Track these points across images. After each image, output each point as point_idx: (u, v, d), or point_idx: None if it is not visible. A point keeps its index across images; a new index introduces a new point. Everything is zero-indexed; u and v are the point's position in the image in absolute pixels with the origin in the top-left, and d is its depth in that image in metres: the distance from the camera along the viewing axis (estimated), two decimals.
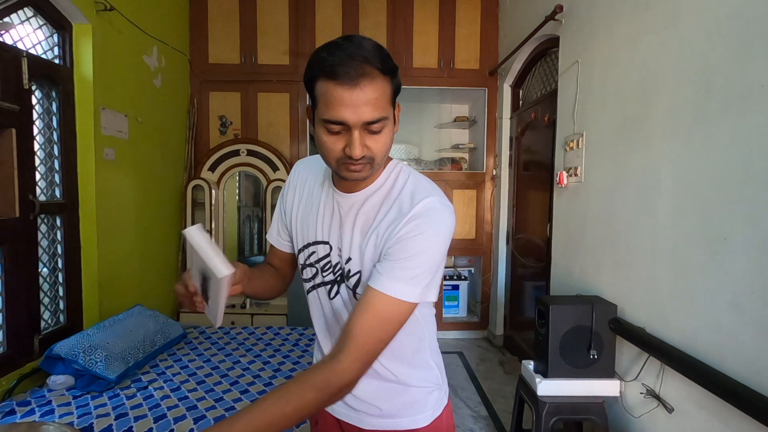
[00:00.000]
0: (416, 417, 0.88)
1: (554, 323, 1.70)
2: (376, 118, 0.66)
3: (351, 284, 0.80)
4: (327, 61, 0.65)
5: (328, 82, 0.65)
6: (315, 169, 0.89)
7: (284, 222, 0.92)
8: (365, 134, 0.68)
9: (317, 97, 0.68)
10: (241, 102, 3.57)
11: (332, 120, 0.66)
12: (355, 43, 0.66)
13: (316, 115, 0.69)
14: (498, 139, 3.60)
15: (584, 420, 1.84)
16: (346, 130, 0.67)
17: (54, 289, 2.22)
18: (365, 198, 0.79)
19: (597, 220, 2.03)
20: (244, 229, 3.95)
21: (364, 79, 0.64)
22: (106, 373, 1.85)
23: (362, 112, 0.65)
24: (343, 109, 0.65)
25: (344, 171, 0.71)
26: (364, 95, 0.64)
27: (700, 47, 1.43)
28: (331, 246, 0.82)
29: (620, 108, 1.87)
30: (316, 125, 0.70)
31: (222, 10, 3.51)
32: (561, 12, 2.38)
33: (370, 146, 0.69)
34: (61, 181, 2.23)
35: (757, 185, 1.20)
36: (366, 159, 0.69)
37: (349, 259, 0.79)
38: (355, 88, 0.64)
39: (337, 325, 0.87)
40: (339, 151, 0.69)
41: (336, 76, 0.64)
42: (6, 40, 1.93)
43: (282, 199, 0.92)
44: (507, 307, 3.53)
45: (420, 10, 3.58)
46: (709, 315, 1.35)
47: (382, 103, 0.67)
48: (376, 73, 0.65)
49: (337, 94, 0.64)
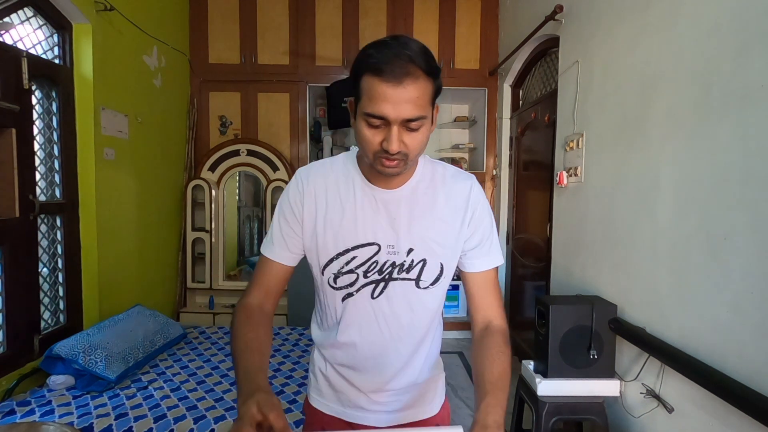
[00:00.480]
0: (430, 406, 0.93)
1: (554, 323, 1.70)
2: (415, 116, 0.68)
3: (412, 275, 0.82)
4: (374, 58, 0.67)
5: (373, 78, 0.67)
6: (334, 174, 0.84)
7: (298, 233, 0.85)
8: (403, 131, 0.70)
9: (362, 91, 0.70)
10: (241, 102, 3.57)
11: (374, 114, 0.68)
12: (401, 42, 0.68)
13: (359, 108, 0.72)
14: (498, 139, 3.60)
15: (584, 420, 1.84)
16: (386, 125, 0.69)
17: (54, 289, 2.22)
18: (412, 190, 0.82)
19: (597, 220, 2.03)
20: (244, 229, 3.95)
21: (407, 78, 0.66)
22: (106, 373, 1.86)
23: (403, 110, 0.67)
24: (385, 104, 0.67)
25: (379, 165, 0.73)
26: (407, 93, 0.67)
27: (700, 47, 1.43)
28: (378, 245, 0.81)
29: (620, 108, 1.87)
30: (358, 118, 0.73)
31: (222, 10, 3.51)
32: (561, 12, 2.38)
33: (406, 143, 0.71)
34: (61, 181, 2.23)
35: (757, 185, 1.20)
36: (401, 155, 0.71)
37: (411, 250, 0.81)
38: (398, 86, 0.66)
39: (375, 324, 0.84)
40: (377, 145, 0.71)
41: (382, 73, 0.66)
42: (6, 40, 1.93)
43: (292, 212, 0.84)
44: (507, 307, 3.53)
45: (420, 10, 3.58)
46: (709, 315, 1.35)
47: (422, 103, 0.69)
48: (420, 73, 0.68)
49: (381, 90, 0.67)
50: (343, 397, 0.91)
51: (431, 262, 0.82)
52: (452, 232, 0.83)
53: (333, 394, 0.92)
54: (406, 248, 0.81)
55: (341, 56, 3.56)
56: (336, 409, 0.92)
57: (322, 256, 0.83)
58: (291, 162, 3.57)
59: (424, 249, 0.82)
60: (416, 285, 0.83)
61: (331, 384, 0.91)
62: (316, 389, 0.95)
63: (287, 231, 0.85)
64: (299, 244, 0.86)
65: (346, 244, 0.81)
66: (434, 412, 0.94)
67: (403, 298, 0.83)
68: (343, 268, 0.82)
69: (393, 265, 0.82)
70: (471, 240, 0.85)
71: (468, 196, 0.84)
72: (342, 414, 0.91)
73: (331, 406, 0.92)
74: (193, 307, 3.43)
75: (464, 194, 0.84)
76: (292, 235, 0.85)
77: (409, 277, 0.83)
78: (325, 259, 0.83)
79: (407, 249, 0.81)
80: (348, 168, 0.85)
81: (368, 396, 0.89)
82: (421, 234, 0.82)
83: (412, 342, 0.87)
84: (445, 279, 0.85)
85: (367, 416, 0.90)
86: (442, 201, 0.83)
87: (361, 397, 0.89)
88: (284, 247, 0.85)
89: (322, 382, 0.93)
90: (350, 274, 0.82)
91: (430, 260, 0.82)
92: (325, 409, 0.93)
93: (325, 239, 0.82)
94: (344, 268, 0.82)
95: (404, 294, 0.83)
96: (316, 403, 0.94)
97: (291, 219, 0.85)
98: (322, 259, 0.83)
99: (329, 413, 0.92)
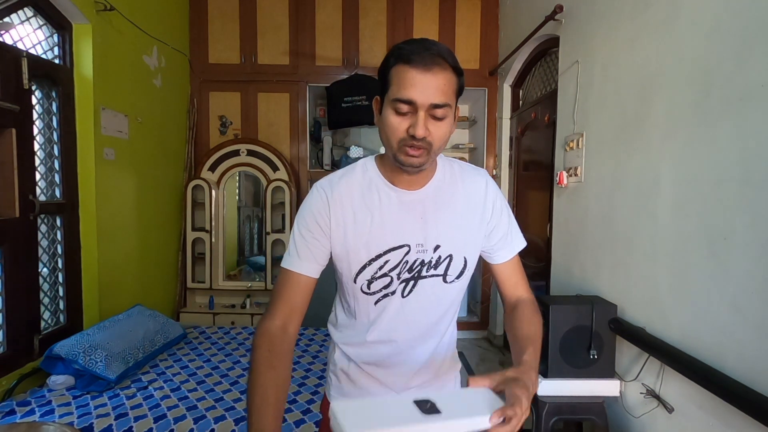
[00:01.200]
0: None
1: (554, 323, 1.70)
2: (442, 102, 0.72)
3: (440, 271, 0.85)
4: (404, 49, 0.72)
5: (403, 65, 0.72)
6: (357, 184, 0.85)
7: (324, 243, 0.84)
8: (429, 118, 0.73)
9: (390, 80, 0.74)
10: (241, 102, 3.57)
11: (402, 99, 0.72)
12: (430, 41, 0.74)
13: (386, 98, 0.75)
14: (498, 139, 3.60)
15: (584, 420, 1.84)
16: (413, 112, 0.73)
17: (54, 289, 2.22)
18: (435, 189, 0.86)
19: (597, 220, 2.03)
20: (244, 229, 3.95)
21: (436, 66, 0.71)
22: (106, 373, 1.86)
23: (430, 94, 0.71)
24: (413, 89, 0.71)
25: (403, 155, 0.76)
26: (435, 80, 0.71)
27: (700, 47, 1.43)
28: (408, 246, 0.83)
29: (620, 108, 1.87)
30: (385, 107, 0.76)
31: (222, 10, 3.51)
32: (561, 12, 2.38)
33: (431, 130, 0.74)
34: (61, 181, 2.23)
35: (757, 185, 1.20)
36: (425, 143, 0.74)
37: (437, 247, 0.84)
38: (427, 72, 0.71)
39: (404, 322, 0.86)
40: (403, 131, 0.74)
41: (411, 61, 0.71)
42: (6, 40, 1.93)
43: (317, 223, 0.83)
44: None
45: (420, 10, 3.58)
46: (709, 315, 1.35)
47: (448, 91, 0.73)
48: (447, 65, 0.73)
49: (410, 75, 0.71)
50: (367, 395, 0.91)
51: (457, 257, 0.86)
52: (473, 226, 0.87)
53: (357, 392, 0.92)
54: (433, 245, 0.84)
55: (341, 56, 3.56)
56: None
57: (354, 264, 0.83)
58: (291, 162, 3.57)
59: (449, 245, 0.85)
60: (443, 280, 0.86)
61: (355, 383, 0.92)
62: (337, 389, 0.95)
63: (312, 242, 0.83)
64: (325, 254, 0.85)
65: (379, 249, 0.82)
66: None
67: (431, 295, 0.86)
68: (377, 273, 0.83)
69: (422, 264, 0.84)
70: (493, 235, 0.89)
71: (485, 192, 0.88)
72: None
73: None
74: (193, 307, 3.43)
75: (481, 191, 0.88)
76: (318, 246, 0.83)
77: (437, 273, 0.86)
78: (358, 266, 0.83)
79: (434, 246, 0.84)
80: (369, 174, 0.86)
81: (393, 391, 0.90)
82: (445, 230, 0.85)
83: (437, 334, 0.91)
84: (468, 272, 0.88)
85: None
86: (462, 198, 0.87)
87: (385, 393, 0.90)
88: (310, 258, 0.83)
89: (344, 382, 0.93)
90: (384, 278, 0.84)
91: (455, 255, 0.86)
92: None
93: (356, 247, 0.82)
94: (378, 273, 0.83)
95: (432, 290, 0.86)
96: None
97: (316, 230, 0.83)
98: (354, 267, 0.84)
99: None
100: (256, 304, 3.49)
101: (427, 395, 0.59)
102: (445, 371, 0.96)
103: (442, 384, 0.95)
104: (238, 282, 3.53)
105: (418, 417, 0.56)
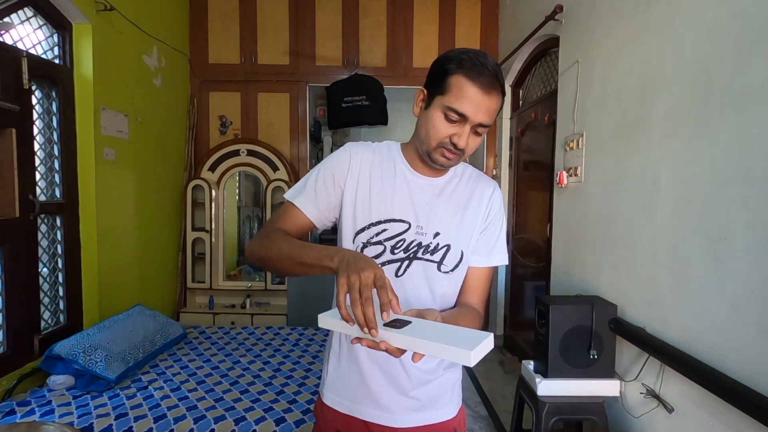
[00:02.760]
0: (447, 408, 0.93)
1: (554, 323, 1.70)
2: (488, 122, 0.80)
3: (436, 258, 0.88)
4: (468, 63, 0.78)
5: (467, 80, 0.77)
6: (379, 154, 0.91)
7: (331, 196, 0.89)
8: (471, 133, 0.81)
9: (448, 87, 0.79)
10: (241, 102, 3.57)
11: (458, 111, 0.78)
12: (490, 60, 0.80)
13: (439, 100, 0.80)
14: (498, 139, 3.60)
15: (584, 420, 1.84)
16: (462, 122, 0.79)
17: (54, 289, 2.22)
18: (447, 182, 0.92)
19: (597, 220, 2.03)
20: (244, 229, 3.95)
21: (494, 91, 0.78)
22: (106, 373, 1.86)
23: (482, 115, 0.79)
24: (470, 106, 0.77)
25: (438, 155, 0.83)
26: (489, 103, 0.78)
27: (700, 47, 1.43)
28: (409, 224, 0.87)
29: (620, 108, 1.87)
30: (434, 108, 0.81)
31: (222, 10, 3.51)
32: (561, 12, 2.38)
33: (469, 143, 0.81)
34: (61, 181, 2.23)
35: (757, 185, 1.20)
36: (461, 151, 0.82)
37: (437, 234, 0.88)
38: (486, 95, 0.78)
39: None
40: (446, 137, 0.81)
41: (476, 80, 0.77)
42: (6, 40, 1.93)
43: (332, 175, 0.89)
44: (507, 307, 3.53)
45: (420, 10, 3.58)
46: (709, 315, 1.35)
47: (494, 114, 0.81)
48: (500, 89, 0.80)
49: (472, 93, 0.77)
50: (360, 394, 0.90)
51: (454, 248, 0.89)
52: (475, 225, 0.91)
53: (350, 390, 0.91)
54: (434, 231, 0.88)
55: (341, 56, 3.56)
56: (350, 407, 0.91)
57: (358, 222, 0.88)
58: (291, 162, 3.57)
59: (449, 235, 0.88)
60: (438, 268, 0.88)
61: (350, 378, 0.90)
62: (331, 387, 0.94)
63: (321, 188, 0.89)
64: (328, 206, 0.89)
65: (380, 216, 0.87)
66: (452, 415, 0.94)
67: (424, 279, 0.88)
68: (373, 239, 0.87)
69: (419, 246, 0.87)
70: (481, 237, 0.92)
71: (491, 197, 0.93)
72: (357, 412, 0.90)
73: (345, 404, 0.91)
74: (193, 307, 3.43)
75: (487, 195, 0.93)
76: (324, 195, 0.89)
77: (433, 259, 0.88)
78: (359, 226, 0.88)
79: (434, 232, 0.88)
80: (392, 152, 0.93)
81: (391, 387, 0.88)
82: (448, 221, 0.89)
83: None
84: (463, 266, 0.91)
85: (382, 415, 0.89)
86: (469, 195, 0.92)
87: (379, 391, 0.88)
88: (313, 201, 0.89)
89: (338, 378, 0.93)
90: (378, 245, 0.87)
91: (453, 246, 0.89)
92: (339, 408, 0.92)
93: (363, 207, 0.88)
94: (374, 238, 0.87)
95: (426, 275, 0.88)
96: (330, 401, 0.93)
97: (329, 181, 0.89)
98: (358, 224, 0.88)
99: (344, 411, 0.91)
100: (256, 304, 3.49)
101: (406, 317, 0.68)
102: (442, 375, 0.93)
103: (437, 393, 0.92)
104: (238, 282, 3.53)
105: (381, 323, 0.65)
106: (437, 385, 0.91)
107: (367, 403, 0.89)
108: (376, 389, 0.88)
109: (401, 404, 0.89)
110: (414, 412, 0.90)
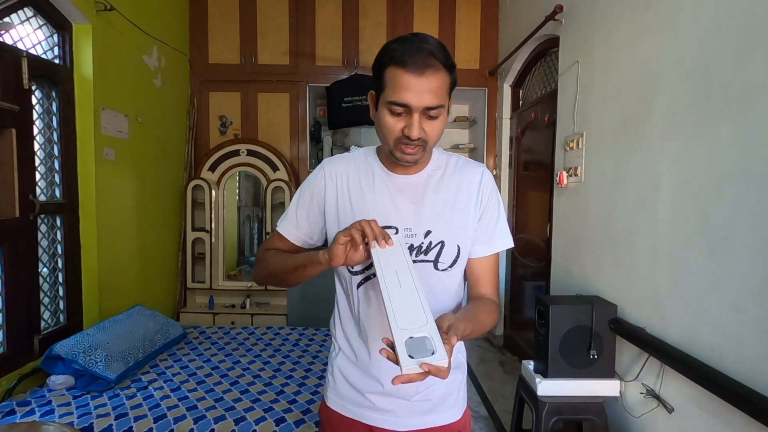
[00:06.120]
0: (452, 410, 0.92)
1: (554, 323, 1.70)
2: (435, 104, 0.74)
3: (430, 257, 0.86)
4: (398, 51, 0.74)
5: (398, 69, 0.73)
6: (355, 164, 0.90)
7: (311, 217, 0.90)
8: (423, 118, 0.76)
9: (385, 82, 0.76)
10: (241, 102, 3.57)
11: (398, 102, 0.74)
12: (421, 38, 0.75)
13: (382, 98, 0.77)
14: (498, 139, 3.60)
15: (584, 420, 1.84)
16: (408, 112, 0.75)
17: (54, 289, 2.22)
18: (428, 176, 0.88)
19: (597, 220, 2.03)
20: (244, 229, 3.95)
21: (428, 69, 0.73)
22: (106, 373, 1.86)
23: (424, 98, 0.73)
24: (408, 93, 0.73)
25: (399, 152, 0.79)
26: (428, 83, 0.73)
27: (700, 47, 1.43)
28: (396, 228, 0.85)
29: (620, 108, 1.87)
30: (380, 107, 0.78)
31: (222, 10, 3.51)
32: (561, 12, 2.38)
33: (426, 130, 0.77)
34: (61, 181, 2.23)
35: (757, 185, 1.20)
36: (420, 141, 0.77)
37: (428, 233, 0.85)
38: (420, 76, 0.73)
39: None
40: (398, 132, 0.77)
41: (405, 65, 0.73)
42: (6, 40, 1.93)
43: (311, 196, 0.90)
44: (507, 307, 3.53)
45: (420, 10, 3.58)
46: (709, 315, 1.35)
47: (441, 92, 0.75)
48: (439, 66, 0.74)
49: (405, 80, 0.73)
50: (363, 399, 0.89)
51: (449, 244, 0.86)
52: (468, 216, 0.88)
53: (354, 394, 0.90)
54: (424, 231, 0.85)
55: (341, 56, 3.56)
56: (354, 411, 0.90)
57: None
58: (291, 162, 3.57)
59: (441, 231, 0.85)
60: (435, 267, 0.86)
61: (353, 384, 0.90)
62: (334, 391, 0.93)
63: (301, 212, 0.91)
64: (312, 227, 0.91)
65: None
66: (457, 417, 0.92)
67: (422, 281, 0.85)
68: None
69: (411, 248, 0.85)
70: (477, 226, 0.89)
71: (480, 182, 0.89)
72: (361, 416, 0.89)
73: (349, 407, 0.91)
74: (193, 307, 3.43)
75: (476, 181, 0.89)
76: (305, 218, 0.91)
77: (428, 259, 0.85)
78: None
79: (425, 231, 0.85)
80: (368, 159, 0.91)
81: (394, 396, 0.86)
82: (437, 217, 0.86)
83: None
84: (462, 261, 0.88)
85: (385, 419, 0.88)
86: (456, 186, 0.88)
87: (384, 394, 0.87)
88: (294, 225, 0.91)
89: (342, 383, 0.92)
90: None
91: (448, 242, 0.86)
92: (343, 411, 0.91)
93: (346, 220, 0.86)
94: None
95: (424, 277, 0.84)
96: (334, 404, 0.93)
97: (308, 202, 0.91)
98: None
99: (348, 415, 0.91)
100: (256, 304, 3.49)
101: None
102: (452, 369, 0.90)
103: (443, 395, 0.90)
104: (238, 282, 3.53)
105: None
106: (443, 387, 0.89)
107: (371, 407, 0.88)
108: (380, 392, 0.87)
109: (406, 407, 0.88)
110: (419, 415, 0.88)
